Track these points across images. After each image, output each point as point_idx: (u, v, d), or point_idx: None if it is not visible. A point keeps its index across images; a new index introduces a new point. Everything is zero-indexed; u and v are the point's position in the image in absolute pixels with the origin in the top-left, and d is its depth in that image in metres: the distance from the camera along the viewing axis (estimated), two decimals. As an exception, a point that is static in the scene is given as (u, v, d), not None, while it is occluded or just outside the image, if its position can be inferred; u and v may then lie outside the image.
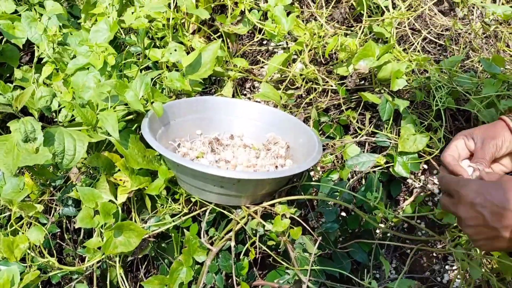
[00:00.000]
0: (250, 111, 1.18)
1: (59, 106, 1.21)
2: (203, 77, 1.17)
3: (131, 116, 1.04)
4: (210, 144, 1.08)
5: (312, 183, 1.01)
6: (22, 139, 0.84)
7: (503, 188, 0.68)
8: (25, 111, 1.43)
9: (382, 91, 1.24)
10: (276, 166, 1.04)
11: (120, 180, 1.02)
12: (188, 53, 1.27)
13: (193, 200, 1.03)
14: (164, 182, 1.00)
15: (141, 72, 1.21)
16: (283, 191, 1.00)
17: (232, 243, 0.92)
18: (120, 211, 0.98)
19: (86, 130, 0.98)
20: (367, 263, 1.04)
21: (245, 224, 0.96)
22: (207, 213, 0.99)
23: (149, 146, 1.07)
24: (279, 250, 0.95)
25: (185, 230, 0.99)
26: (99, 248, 0.98)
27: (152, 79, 1.14)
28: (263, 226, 0.92)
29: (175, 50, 1.19)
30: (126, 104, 1.00)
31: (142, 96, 1.00)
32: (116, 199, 1.00)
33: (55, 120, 1.34)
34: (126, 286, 0.99)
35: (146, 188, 1.02)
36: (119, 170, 1.04)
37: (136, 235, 0.92)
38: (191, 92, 1.19)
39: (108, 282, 1.08)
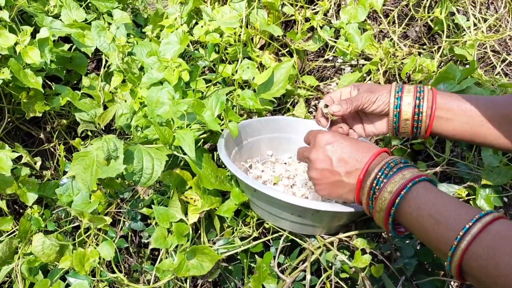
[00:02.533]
0: None
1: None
2: (276, 96, 1.14)
3: (205, 135, 1.02)
4: (282, 167, 1.05)
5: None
6: (104, 157, 0.84)
7: (352, 143, 0.77)
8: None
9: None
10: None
11: (191, 198, 1.00)
12: (258, 69, 1.25)
13: (266, 225, 1.00)
14: (237, 205, 0.98)
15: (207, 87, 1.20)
16: (360, 221, 0.96)
17: (308, 276, 0.88)
18: (191, 232, 0.96)
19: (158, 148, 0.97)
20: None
21: (320, 254, 0.92)
22: (281, 241, 0.95)
23: (220, 165, 1.06)
24: (357, 286, 0.91)
25: (256, 255, 0.96)
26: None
27: (224, 96, 1.12)
28: (340, 259, 0.88)
29: (248, 68, 1.17)
30: (201, 123, 0.99)
31: (218, 115, 0.98)
32: (187, 218, 0.99)
33: (118, 131, 1.35)
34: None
35: (216, 208, 1.00)
36: (189, 188, 1.02)
37: (209, 260, 0.89)
38: (261, 111, 1.16)
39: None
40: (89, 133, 1.46)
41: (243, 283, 1.04)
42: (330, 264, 0.90)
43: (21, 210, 1.44)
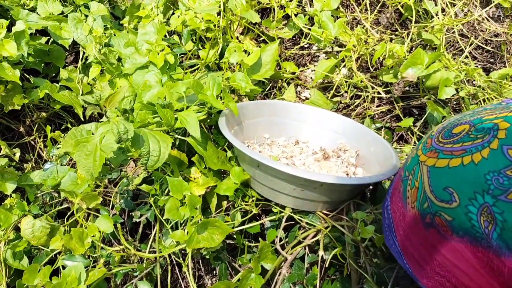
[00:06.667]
0: (318, 117, 1.17)
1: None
2: (265, 77, 1.18)
3: (204, 117, 1.05)
4: (279, 148, 1.09)
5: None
6: (115, 140, 0.85)
7: None
8: (68, 110, 1.45)
9: (430, 98, 1.26)
10: (347, 174, 1.03)
11: (191, 177, 1.03)
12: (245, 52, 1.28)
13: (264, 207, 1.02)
14: (237, 184, 0.99)
15: (185, 73, 1.21)
16: (355, 201, 0.98)
17: (320, 252, 0.90)
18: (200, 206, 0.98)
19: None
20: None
21: (317, 233, 0.95)
22: (283, 220, 0.97)
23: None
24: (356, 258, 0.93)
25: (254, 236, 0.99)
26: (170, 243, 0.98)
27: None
28: (343, 234, 0.91)
29: (235, 51, 1.21)
30: (200, 105, 1.02)
31: (216, 96, 1.01)
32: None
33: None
34: (193, 285, 0.98)
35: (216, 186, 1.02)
36: (186, 167, 1.05)
37: (220, 232, 0.91)
38: (251, 94, 1.20)
39: (169, 280, 1.08)
40: (69, 125, 1.45)
41: (235, 262, 1.07)
42: (335, 240, 0.92)
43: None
